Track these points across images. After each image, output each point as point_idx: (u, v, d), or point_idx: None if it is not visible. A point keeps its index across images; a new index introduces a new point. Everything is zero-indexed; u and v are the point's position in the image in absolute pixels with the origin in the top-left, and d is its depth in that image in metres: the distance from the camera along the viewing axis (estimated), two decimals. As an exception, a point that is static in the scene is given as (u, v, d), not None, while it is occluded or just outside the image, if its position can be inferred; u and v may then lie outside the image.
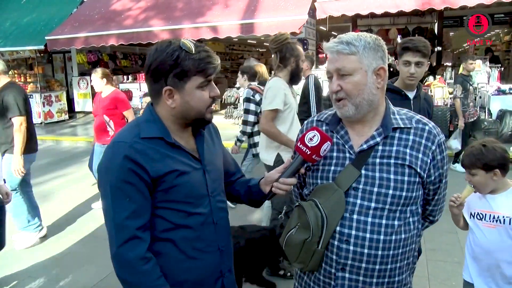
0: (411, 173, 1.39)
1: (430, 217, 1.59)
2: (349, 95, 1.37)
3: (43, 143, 10.30)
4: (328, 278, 1.43)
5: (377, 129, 1.42)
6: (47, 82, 13.01)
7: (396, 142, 1.41)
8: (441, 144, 1.44)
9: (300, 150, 1.43)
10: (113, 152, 1.37)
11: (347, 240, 1.38)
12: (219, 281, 1.55)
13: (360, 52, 1.36)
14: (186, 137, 1.49)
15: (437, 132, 1.44)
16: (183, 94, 1.38)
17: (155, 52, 1.38)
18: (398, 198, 1.37)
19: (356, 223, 1.38)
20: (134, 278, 1.34)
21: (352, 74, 1.36)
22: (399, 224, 1.39)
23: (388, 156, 1.39)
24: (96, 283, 3.44)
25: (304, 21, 8.91)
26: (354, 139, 1.45)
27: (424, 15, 12.75)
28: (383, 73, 1.41)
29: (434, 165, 1.43)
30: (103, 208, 1.40)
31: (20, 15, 13.20)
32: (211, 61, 1.38)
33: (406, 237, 1.41)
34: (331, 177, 1.44)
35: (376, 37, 1.43)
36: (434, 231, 4.25)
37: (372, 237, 1.37)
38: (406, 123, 1.43)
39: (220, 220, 1.54)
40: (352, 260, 1.38)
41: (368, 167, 1.40)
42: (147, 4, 11.23)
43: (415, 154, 1.39)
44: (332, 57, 1.39)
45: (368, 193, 1.38)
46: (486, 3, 7.95)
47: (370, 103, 1.39)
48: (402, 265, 1.43)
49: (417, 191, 1.41)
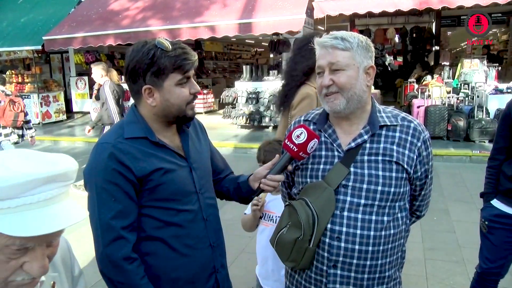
0: (399, 169, 1.41)
1: (417, 212, 1.62)
2: (341, 89, 1.39)
3: (41, 143, 10.29)
4: (320, 276, 1.45)
5: (364, 127, 1.45)
6: (45, 82, 12.98)
7: (383, 139, 1.43)
8: (426, 141, 1.47)
9: (288, 147, 1.45)
10: (97, 153, 1.38)
11: (338, 237, 1.40)
12: (212, 277, 1.56)
13: (354, 49, 1.38)
14: (170, 135, 1.51)
15: (422, 129, 1.47)
16: (163, 92, 1.39)
17: (131, 53, 1.40)
18: (386, 194, 1.40)
19: (347, 220, 1.40)
20: (119, 278, 1.36)
21: (345, 69, 1.38)
22: (388, 219, 1.42)
23: (375, 153, 1.42)
24: (94, 284, 3.44)
25: (302, 21, 8.91)
26: (342, 137, 1.47)
27: (421, 14, 12.77)
28: (372, 72, 1.44)
29: (420, 161, 1.46)
30: (88, 209, 1.41)
31: (17, 15, 13.17)
32: (187, 58, 1.39)
33: (395, 232, 1.44)
34: (320, 176, 1.46)
35: (367, 38, 1.46)
36: (432, 230, 4.27)
37: (362, 233, 1.39)
38: (392, 121, 1.45)
39: (210, 217, 1.56)
40: (343, 256, 1.40)
41: (357, 164, 1.42)
42: (144, 4, 11.21)
43: (401, 150, 1.42)
44: (325, 52, 1.40)
45: (358, 190, 1.40)
46: (482, 3, 7.98)
47: (359, 99, 1.41)
48: (392, 260, 1.46)
49: (404, 186, 1.44)
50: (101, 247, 1.36)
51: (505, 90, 8.27)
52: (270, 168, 1.54)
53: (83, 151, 9.06)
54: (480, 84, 8.52)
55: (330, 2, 8.97)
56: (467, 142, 7.79)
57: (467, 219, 4.48)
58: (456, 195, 5.33)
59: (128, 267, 1.35)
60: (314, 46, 1.46)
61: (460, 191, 5.48)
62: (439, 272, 3.47)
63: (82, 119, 13.25)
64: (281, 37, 10.44)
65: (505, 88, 8.40)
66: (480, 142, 7.73)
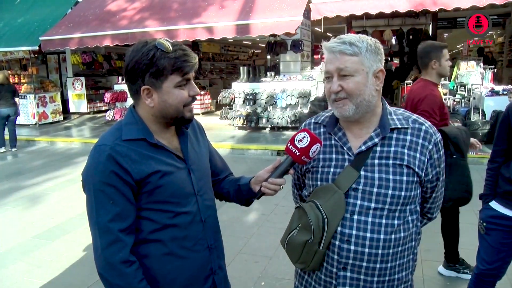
0: (409, 173, 1.40)
1: (428, 214, 1.61)
2: (350, 95, 1.38)
3: (37, 144, 10.26)
4: (330, 277, 1.45)
5: (375, 130, 1.43)
6: (42, 83, 12.94)
7: (394, 142, 1.42)
8: (437, 143, 1.45)
9: (290, 151, 1.44)
10: (95, 155, 1.37)
11: (348, 240, 1.39)
12: (209, 279, 1.55)
13: (363, 54, 1.36)
14: (169, 137, 1.50)
15: (433, 131, 1.46)
16: (161, 93, 1.38)
17: (131, 53, 1.39)
18: (397, 198, 1.39)
19: (357, 223, 1.39)
20: (117, 281, 1.35)
21: (353, 75, 1.36)
22: (398, 223, 1.41)
23: (386, 157, 1.41)
24: (90, 285, 3.42)
25: (299, 22, 8.93)
26: (352, 140, 1.46)
27: (418, 16, 12.82)
28: (382, 76, 1.42)
29: (431, 164, 1.44)
30: (87, 211, 1.40)
31: (14, 16, 13.14)
32: (187, 60, 1.37)
33: (405, 235, 1.43)
34: (330, 179, 1.45)
35: (376, 40, 1.43)
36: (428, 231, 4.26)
37: (372, 237, 1.38)
38: (403, 124, 1.44)
39: (208, 218, 1.55)
40: (353, 259, 1.40)
41: (367, 168, 1.41)
42: (142, 5, 11.20)
43: (412, 154, 1.41)
44: (333, 57, 1.39)
45: (368, 193, 1.39)
46: (479, 5, 8.01)
47: (369, 104, 1.40)
48: (402, 263, 1.45)
49: (415, 190, 1.43)
50: (99, 249, 1.35)
51: (501, 92, 8.30)
52: (271, 172, 1.53)
53: (79, 152, 9.04)
54: (476, 86, 8.55)
55: (327, 4, 8.98)
56: (464, 144, 7.80)
57: (464, 221, 4.48)
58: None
59: (126, 270, 1.34)
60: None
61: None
62: (436, 273, 3.48)
63: (79, 120, 13.23)
64: (278, 39, 10.46)
65: (501, 90, 8.44)
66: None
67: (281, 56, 11.00)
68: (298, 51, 10.55)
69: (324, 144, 1.49)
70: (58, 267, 3.81)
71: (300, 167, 1.60)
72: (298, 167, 1.60)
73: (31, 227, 4.82)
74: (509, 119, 2.27)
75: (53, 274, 3.69)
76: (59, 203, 5.66)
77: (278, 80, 10.28)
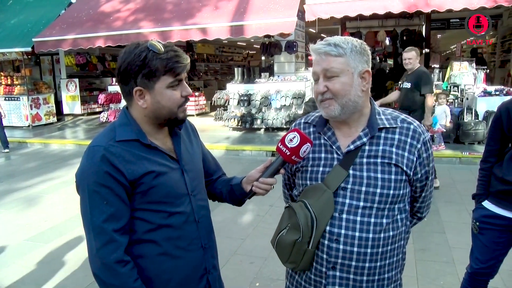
0: (398, 172, 1.42)
1: (418, 214, 1.62)
2: (336, 95, 1.39)
3: (31, 146, 10.19)
4: (319, 277, 1.46)
5: (363, 129, 1.45)
6: (35, 84, 12.86)
7: (382, 141, 1.43)
8: (426, 142, 1.47)
9: (281, 150, 1.46)
10: (89, 156, 1.38)
11: (337, 239, 1.40)
12: (204, 278, 1.56)
13: (348, 55, 1.38)
14: (162, 137, 1.51)
15: (421, 130, 1.47)
16: (154, 94, 1.39)
17: (123, 54, 1.40)
18: (386, 197, 1.40)
19: (346, 222, 1.40)
20: (112, 281, 1.35)
21: (339, 75, 1.38)
22: (387, 222, 1.42)
23: (374, 156, 1.42)
24: (86, 286, 3.41)
25: (294, 23, 8.95)
26: (341, 140, 1.47)
27: (412, 17, 12.90)
28: (368, 76, 1.44)
29: (420, 163, 1.46)
30: (81, 212, 1.40)
31: (7, 17, 13.06)
32: (179, 61, 1.39)
33: (394, 234, 1.44)
34: (320, 178, 1.46)
35: (362, 41, 1.45)
36: (422, 231, 4.30)
37: (361, 236, 1.39)
38: (392, 123, 1.46)
39: (202, 218, 1.56)
40: (342, 258, 1.41)
41: (356, 167, 1.42)
42: (136, 6, 11.17)
43: (401, 152, 1.42)
44: (319, 58, 1.41)
45: (357, 192, 1.40)
46: (470, 8, 8.07)
47: (355, 105, 1.41)
48: (391, 262, 1.46)
49: (404, 189, 1.44)
50: (93, 250, 1.36)
51: (493, 93, 8.38)
52: (262, 171, 1.55)
53: (73, 154, 9.00)
54: (469, 87, 8.61)
55: (321, 5, 9.02)
56: (457, 144, 7.87)
57: (457, 220, 4.52)
58: (446, 197, 5.37)
59: (121, 270, 1.35)
60: None
61: (450, 192, 5.53)
62: (430, 272, 3.50)
63: (73, 121, 13.16)
64: (272, 40, 10.48)
65: (493, 90, 8.51)
66: (469, 143, 7.82)
67: (275, 57, 11.02)
68: (293, 52, 10.57)
69: (314, 143, 1.50)
70: (52, 270, 3.79)
71: (290, 167, 1.61)
72: (289, 166, 1.61)
73: (25, 229, 4.79)
74: (501, 119, 2.30)
75: (47, 276, 3.67)
76: (54, 205, 5.63)
77: (273, 81, 10.29)
